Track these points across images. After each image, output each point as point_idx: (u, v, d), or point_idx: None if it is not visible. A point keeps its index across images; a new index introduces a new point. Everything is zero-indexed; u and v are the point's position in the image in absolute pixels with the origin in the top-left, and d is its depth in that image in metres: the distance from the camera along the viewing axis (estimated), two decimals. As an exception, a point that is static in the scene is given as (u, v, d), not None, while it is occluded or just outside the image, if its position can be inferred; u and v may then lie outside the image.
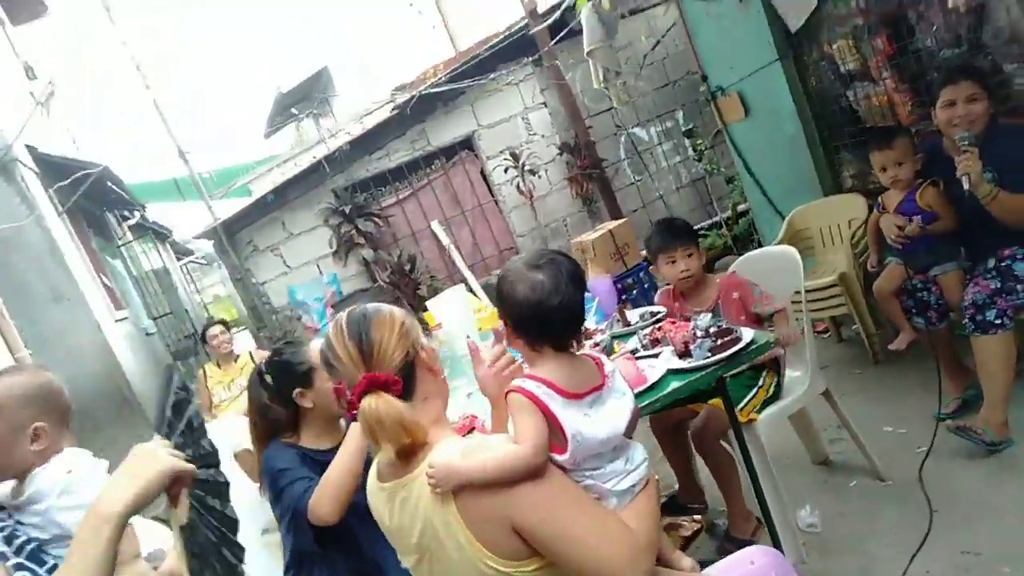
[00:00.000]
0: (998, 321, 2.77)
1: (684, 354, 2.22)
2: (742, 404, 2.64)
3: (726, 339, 2.14)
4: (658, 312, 2.80)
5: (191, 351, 10.98)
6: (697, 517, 3.11)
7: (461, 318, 2.89)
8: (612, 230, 6.49)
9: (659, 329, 2.45)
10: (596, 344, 2.46)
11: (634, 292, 6.39)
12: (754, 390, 2.71)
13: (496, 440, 1.41)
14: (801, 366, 2.91)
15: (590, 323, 2.85)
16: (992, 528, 2.43)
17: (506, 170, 7.03)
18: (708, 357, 2.12)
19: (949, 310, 3.12)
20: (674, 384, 2.11)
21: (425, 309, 3.07)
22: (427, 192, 7.06)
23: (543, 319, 1.44)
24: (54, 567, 1.53)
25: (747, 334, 2.16)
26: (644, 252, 3.01)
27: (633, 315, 2.87)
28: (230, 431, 3.83)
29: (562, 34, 6.59)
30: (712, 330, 2.15)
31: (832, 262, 4.11)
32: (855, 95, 4.08)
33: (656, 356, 2.32)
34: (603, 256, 6.37)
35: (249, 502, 2.43)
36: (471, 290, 6.51)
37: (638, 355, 2.41)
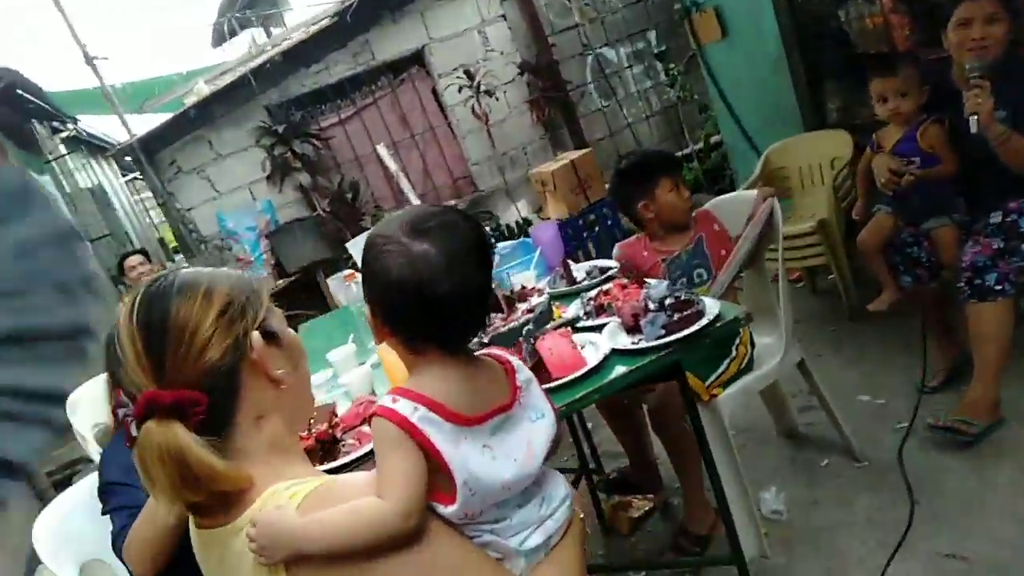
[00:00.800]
0: (999, 287, 2.40)
1: (633, 329, 1.79)
2: (711, 379, 2.26)
3: (685, 313, 1.71)
4: (608, 269, 2.36)
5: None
6: (650, 496, 2.78)
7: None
8: (574, 160, 5.98)
9: (606, 294, 2.01)
10: (531, 309, 2.01)
11: (596, 230, 5.95)
12: (725, 362, 2.32)
13: (353, 485, 0.98)
14: (774, 331, 2.51)
15: (529, 279, 2.41)
16: (980, 527, 2.13)
17: (460, 90, 6.40)
18: (661, 336, 1.69)
19: (941, 268, 2.73)
20: (619, 369, 1.69)
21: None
22: (372, 112, 6.41)
23: (426, 310, 0.99)
24: None
25: (711, 307, 1.74)
26: (610, 190, 2.61)
27: (579, 270, 2.43)
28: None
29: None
30: (668, 302, 1.71)
31: (811, 206, 3.69)
32: (847, 15, 3.59)
33: (599, 329, 1.88)
34: (563, 190, 5.88)
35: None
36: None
37: (578, 325, 1.98)
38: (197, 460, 0.88)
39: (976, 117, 2.21)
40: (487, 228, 6.41)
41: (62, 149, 10.83)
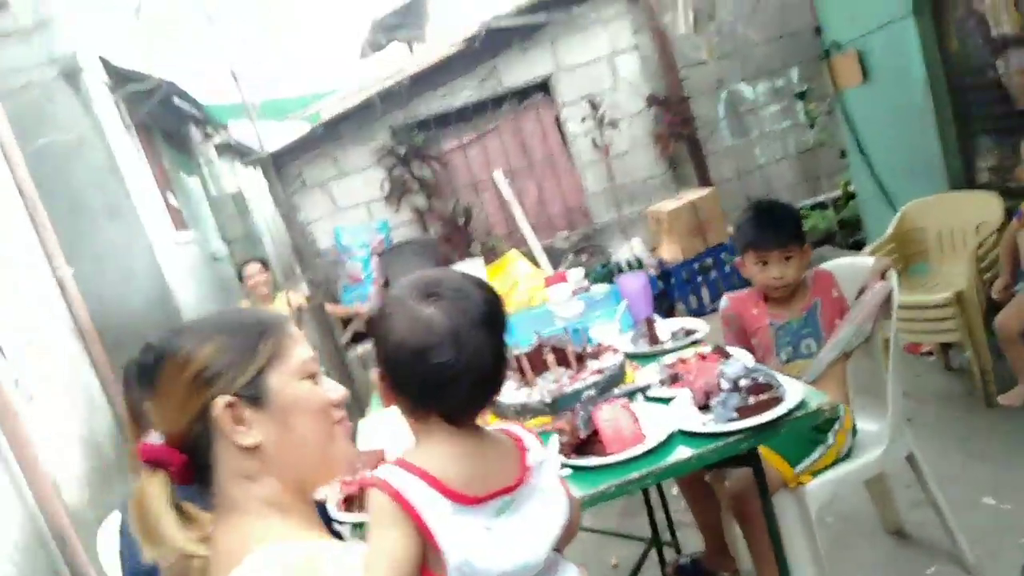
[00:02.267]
0: None
1: (704, 407, 1.61)
2: (802, 466, 2.03)
3: (761, 397, 1.51)
4: (694, 331, 2.17)
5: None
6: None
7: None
8: (695, 200, 5.76)
9: (683, 362, 1.84)
10: (599, 371, 1.87)
11: (712, 275, 5.68)
12: (820, 448, 2.08)
13: (342, 558, 0.91)
14: (881, 417, 2.22)
15: (609, 333, 2.26)
16: None
17: (583, 120, 6.31)
18: (732, 419, 1.51)
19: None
20: (682, 451, 1.52)
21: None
22: (493, 138, 6.43)
23: (429, 379, 0.95)
24: None
25: (793, 393, 1.53)
26: (731, 235, 2.41)
27: (665, 327, 2.25)
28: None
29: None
30: (743, 382, 1.53)
31: (949, 275, 3.31)
32: (1006, 66, 3.21)
33: (668, 401, 1.71)
34: (680, 230, 5.67)
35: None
36: (530, 253, 5.95)
37: (648, 395, 1.81)
38: (145, 513, 0.91)
39: None
40: (597, 264, 6.28)
41: (213, 154, 11.61)
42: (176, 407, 0.93)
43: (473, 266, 2.62)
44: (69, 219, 5.71)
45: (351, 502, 1.68)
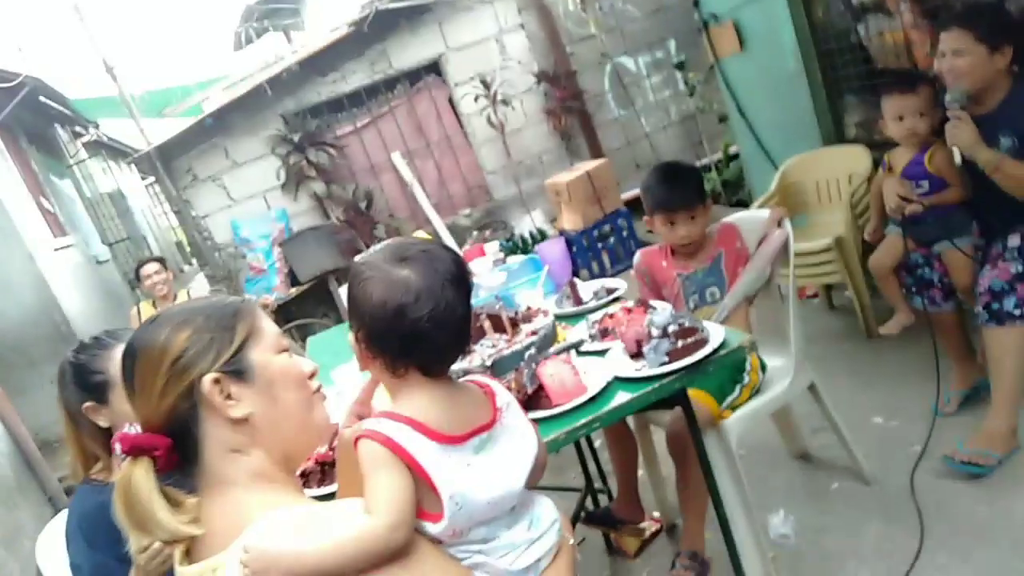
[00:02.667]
0: (1018, 311, 2.35)
1: (636, 355, 1.76)
2: (725, 403, 2.23)
3: (688, 340, 1.67)
4: (615, 290, 2.32)
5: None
6: (656, 515, 2.73)
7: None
8: (590, 171, 5.96)
9: (611, 317, 1.98)
10: (535, 331, 1.98)
11: (611, 241, 5.92)
12: (738, 387, 2.28)
13: (342, 509, 0.98)
14: (784, 354, 2.46)
15: (535, 298, 2.38)
16: (991, 559, 2.06)
17: (476, 99, 6.40)
18: (664, 363, 1.66)
19: (954, 290, 2.67)
20: (622, 396, 1.66)
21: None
22: (388, 120, 6.42)
23: (407, 334, 1.03)
24: None
25: (715, 334, 1.70)
26: (642, 200, 2.53)
27: (587, 289, 2.39)
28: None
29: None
30: (671, 328, 1.68)
31: (827, 223, 3.63)
32: (866, 30, 3.53)
33: (603, 353, 1.85)
34: (579, 200, 5.86)
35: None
36: (434, 232, 6.00)
37: (582, 349, 1.95)
38: (135, 500, 0.93)
39: (956, 148, 2.19)
40: (502, 240, 6.41)
41: (83, 154, 10.96)
42: (160, 392, 0.96)
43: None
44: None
45: (307, 477, 1.73)
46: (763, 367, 2.41)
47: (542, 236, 6.12)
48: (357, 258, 1.12)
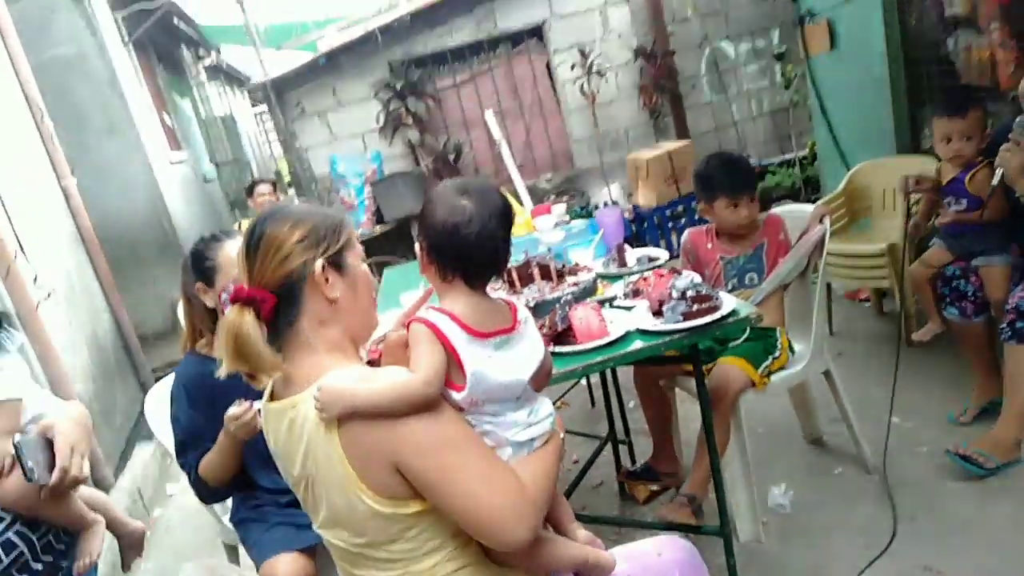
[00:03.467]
0: (1040, 333, 2.46)
1: (657, 313, 2.02)
2: (761, 368, 2.46)
3: (703, 305, 1.92)
4: (656, 258, 2.58)
5: (246, 203, 11.16)
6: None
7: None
8: (671, 151, 6.11)
9: (644, 279, 2.24)
10: (576, 283, 2.26)
11: (682, 222, 6.07)
12: (770, 358, 2.51)
13: (393, 369, 1.30)
14: (804, 340, 2.66)
15: (585, 257, 2.66)
16: (965, 549, 2.26)
17: (572, 67, 6.60)
18: (679, 321, 1.92)
19: (988, 305, 2.79)
20: (637, 343, 1.93)
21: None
22: (486, 79, 6.71)
23: (458, 247, 1.33)
24: None
25: (727, 303, 1.94)
26: (697, 187, 2.78)
27: (633, 256, 2.65)
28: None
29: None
30: (689, 293, 1.93)
31: (886, 228, 3.73)
32: (955, 44, 3.57)
33: (630, 309, 2.12)
34: (656, 178, 6.03)
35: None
36: (515, 191, 6.29)
37: (615, 304, 2.22)
38: (246, 338, 1.24)
39: (1001, 171, 2.29)
40: (577, 205, 6.65)
41: (203, 76, 11.64)
42: (280, 262, 1.27)
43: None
44: (72, 132, 5.85)
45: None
46: (791, 350, 2.62)
47: (615, 206, 6.33)
48: (434, 187, 1.42)
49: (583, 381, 3.81)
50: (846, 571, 2.29)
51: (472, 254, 1.33)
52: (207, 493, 2.05)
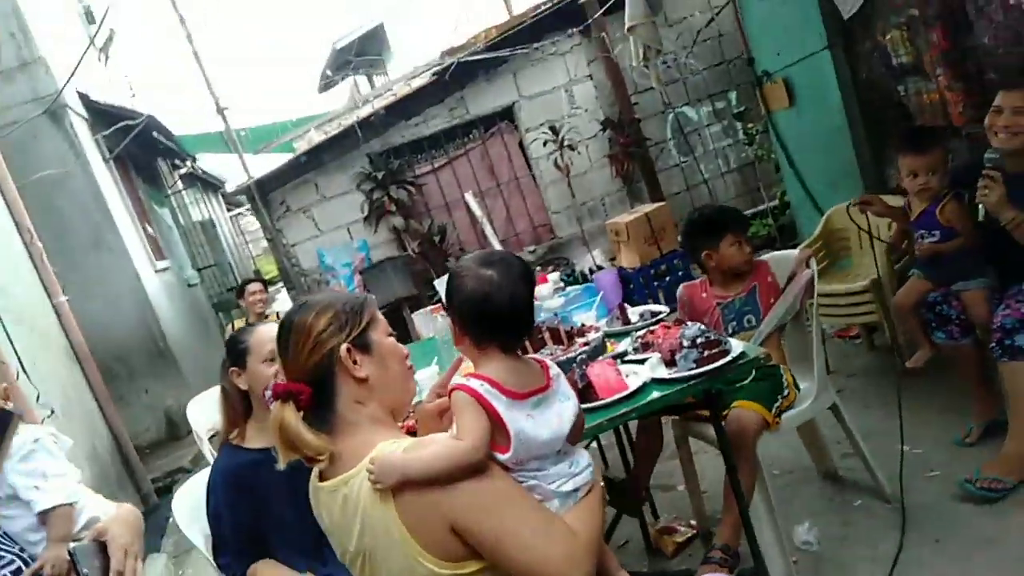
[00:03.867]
0: (1029, 347, 2.57)
1: (670, 363, 2.11)
2: (773, 409, 2.54)
3: (714, 351, 2.02)
4: (659, 312, 2.68)
5: (232, 303, 11.20)
6: (692, 523, 3.02)
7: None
8: (648, 213, 6.30)
9: (652, 333, 2.34)
10: (586, 343, 2.35)
11: (667, 280, 6.23)
12: (779, 399, 2.59)
13: (439, 437, 1.37)
14: (811, 378, 2.76)
15: (589, 318, 2.75)
16: (983, 565, 2.31)
17: (545, 143, 6.88)
18: (693, 368, 2.01)
19: (972, 327, 2.91)
20: (655, 394, 2.01)
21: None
22: (463, 162, 6.96)
23: (490, 316, 1.41)
24: None
25: (736, 347, 2.04)
26: (693, 240, 2.92)
27: (634, 313, 2.76)
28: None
29: (610, 3, 6.36)
30: (699, 340, 2.03)
31: (868, 265, 3.87)
32: (906, 90, 3.82)
33: (643, 362, 2.21)
34: (637, 240, 6.21)
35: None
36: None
37: (627, 359, 2.31)
38: (289, 429, 1.33)
39: (981, 206, 2.46)
40: (563, 274, 6.80)
41: (179, 185, 11.86)
42: (308, 353, 1.36)
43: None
44: (59, 250, 5.93)
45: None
46: (797, 387, 2.71)
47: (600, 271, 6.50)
48: (454, 264, 1.52)
49: (594, 443, 3.85)
50: (880, 600, 2.32)
51: (503, 321, 1.42)
52: None
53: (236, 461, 2.05)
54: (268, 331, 2.09)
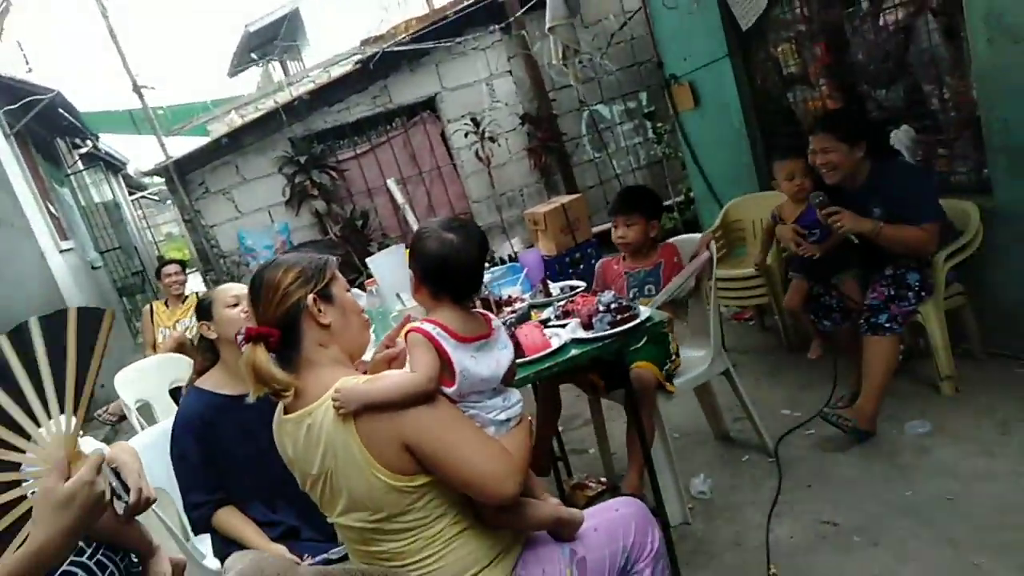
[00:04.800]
0: (888, 325, 3.01)
1: (587, 326, 2.39)
2: (663, 371, 2.88)
3: (625, 315, 2.32)
4: (576, 287, 2.98)
5: (138, 288, 10.88)
6: (603, 479, 3.34)
7: (396, 277, 3.03)
8: (565, 204, 6.62)
9: (572, 302, 2.62)
10: (513, 311, 2.62)
11: (580, 267, 6.57)
12: (668, 363, 2.93)
13: (393, 372, 1.59)
14: (706, 346, 3.12)
15: (516, 291, 3.02)
16: (853, 503, 2.71)
17: (466, 135, 7.10)
18: (607, 330, 2.30)
19: (851, 311, 3.35)
20: (573, 351, 2.29)
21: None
22: (385, 149, 7.10)
23: (447, 272, 1.62)
24: None
25: (644, 312, 2.34)
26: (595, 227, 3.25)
27: (555, 288, 3.04)
28: (167, 367, 3.95)
29: (532, 2, 6.64)
30: (613, 306, 2.32)
31: (758, 253, 4.32)
32: (794, 97, 4.27)
33: (564, 326, 2.49)
34: (553, 229, 6.52)
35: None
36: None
37: (549, 324, 2.58)
38: (260, 367, 1.52)
39: (850, 234, 2.94)
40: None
41: (80, 165, 11.41)
42: (278, 302, 1.57)
43: (394, 254, 3.34)
44: (-44, 227, 5.72)
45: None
46: (678, 355, 3.07)
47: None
48: (420, 226, 1.74)
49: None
50: (760, 536, 2.69)
51: (458, 277, 1.64)
52: (213, 536, 2.21)
53: (203, 401, 2.21)
54: (229, 285, 2.36)
